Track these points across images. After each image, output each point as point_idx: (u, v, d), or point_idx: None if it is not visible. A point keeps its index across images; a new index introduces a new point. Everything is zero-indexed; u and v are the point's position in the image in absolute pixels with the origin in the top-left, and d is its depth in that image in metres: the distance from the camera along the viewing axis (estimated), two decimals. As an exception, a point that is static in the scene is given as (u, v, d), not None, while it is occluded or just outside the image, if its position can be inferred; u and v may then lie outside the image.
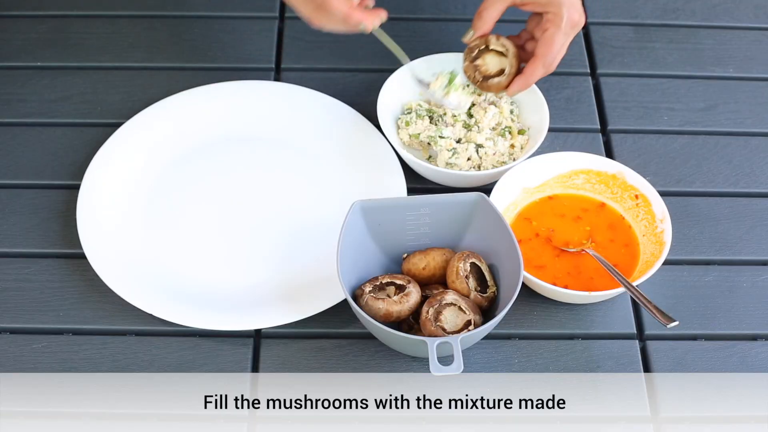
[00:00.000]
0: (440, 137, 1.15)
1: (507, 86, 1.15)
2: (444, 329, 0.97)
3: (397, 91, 1.19)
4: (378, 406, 0.99)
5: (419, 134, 1.17)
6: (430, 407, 0.99)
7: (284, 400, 0.99)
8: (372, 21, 1.08)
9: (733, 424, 0.99)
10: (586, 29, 1.34)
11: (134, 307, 1.04)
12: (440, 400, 1.00)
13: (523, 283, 1.01)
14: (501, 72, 1.15)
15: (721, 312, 1.07)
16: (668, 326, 0.98)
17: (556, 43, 1.11)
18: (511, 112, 1.18)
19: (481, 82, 1.16)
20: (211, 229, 1.12)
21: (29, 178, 1.16)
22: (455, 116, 1.17)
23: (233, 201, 1.14)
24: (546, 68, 1.12)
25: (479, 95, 1.18)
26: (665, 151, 1.21)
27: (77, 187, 1.13)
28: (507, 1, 1.12)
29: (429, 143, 1.17)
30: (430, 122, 1.18)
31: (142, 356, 1.02)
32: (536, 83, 1.18)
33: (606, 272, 1.05)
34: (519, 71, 1.14)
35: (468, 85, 1.17)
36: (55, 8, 1.34)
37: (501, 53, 1.15)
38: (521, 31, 1.18)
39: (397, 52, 1.15)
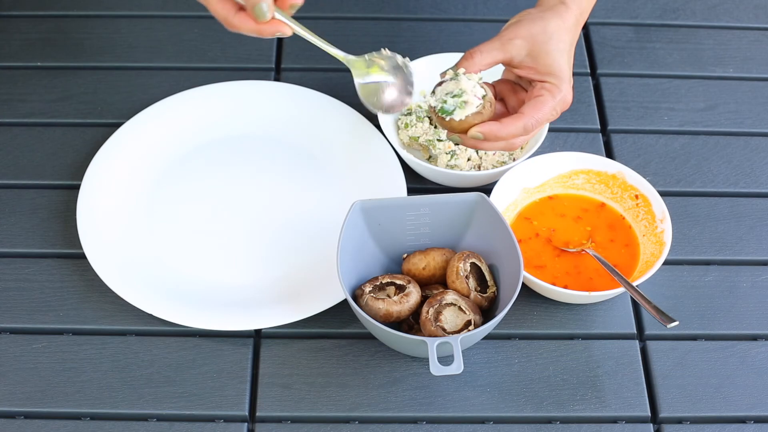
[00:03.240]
0: (438, 140, 1.15)
1: (467, 130, 1.01)
2: (444, 329, 0.97)
3: (397, 91, 1.19)
4: (378, 406, 0.99)
5: (419, 137, 1.17)
6: (430, 407, 0.99)
7: (284, 400, 0.99)
8: (287, 27, 0.96)
9: (733, 424, 0.99)
10: (586, 29, 1.34)
11: (134, 307, 1.04)
12: (440, 401, 1.00)
13: (523, 283, 1.01)
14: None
15: (721, 312, 1.07)
16: (668, 326, 0.98)
17: (545, 111, 1.01)
18: (511, 112, 1.18)
19: (439, 116, 1.02)
20: (211, 228, 1.12)
21: (29, 178, 1.16)
22: (455, 117, 1.17)
23: (233, 201, 1.14)
24: (525, 130, 1.01)
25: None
26: (665, 151, 1.21)
27: (77, 187, 1.14)
28: (503, 55, 1.02)
29: (428, 146, 1.17)
30: (430, 123, 1.18)
31: (142, 356, 1.02)
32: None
33: (606, 272, 1.05)
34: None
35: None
36: (55, 8, 1.34)
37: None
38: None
39: (327, 48, 1.00)
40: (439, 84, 1.03)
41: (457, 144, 1.12)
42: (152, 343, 1.03)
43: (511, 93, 1.07)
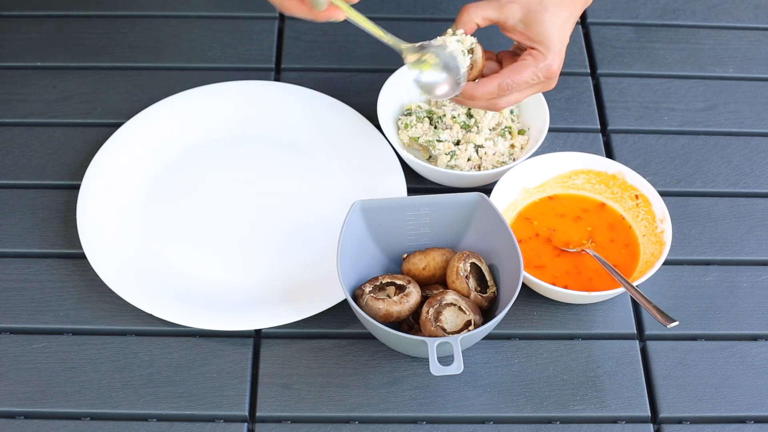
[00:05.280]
0: (438, 141, 1.15)
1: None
2: (444, 329, 0.97)
3: (397, 92, 1.19)
4: (378, 406, 0.99)
5: (419, 137, 1.17)
6: (430, 407, 0.99)
7: (284, 400, 0.99)
8: (341, 12, 1.01)
9: (733, 424, 0.99)
10: (586, 29, 1.34)
11: (134, 307, 1.04)
12: (440, 400, 1.00)
13: (523, 283, 1.01)
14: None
15: (721, 312, 1.07)
16: (668, 326, 0.98)
17: (525, 75, 1.04)
18: (511, 112, 1.18)
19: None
20: (211, 229, 1.12)
21: (29, 178, 1.16)
22: (454, 117, 1.17)
23: (233, 201, 1.14)
24: (500, 90, 1.04)
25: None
26: (665, 151, 1.21)
27: (77, 187, 1.14)
28: (498, 15, 1.05)
29: (428, 146, 1.17)
30: (430, 123, 1.18)
31: (142, 356, 1.02)
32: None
33: (606, 272, 1.05)
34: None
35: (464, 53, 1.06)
36: (55, 8, 1.34)
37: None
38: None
39: (376, 31, 1.04)
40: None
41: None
42: (152, 343, 1.03)
43: (509, 58, 1.09)
